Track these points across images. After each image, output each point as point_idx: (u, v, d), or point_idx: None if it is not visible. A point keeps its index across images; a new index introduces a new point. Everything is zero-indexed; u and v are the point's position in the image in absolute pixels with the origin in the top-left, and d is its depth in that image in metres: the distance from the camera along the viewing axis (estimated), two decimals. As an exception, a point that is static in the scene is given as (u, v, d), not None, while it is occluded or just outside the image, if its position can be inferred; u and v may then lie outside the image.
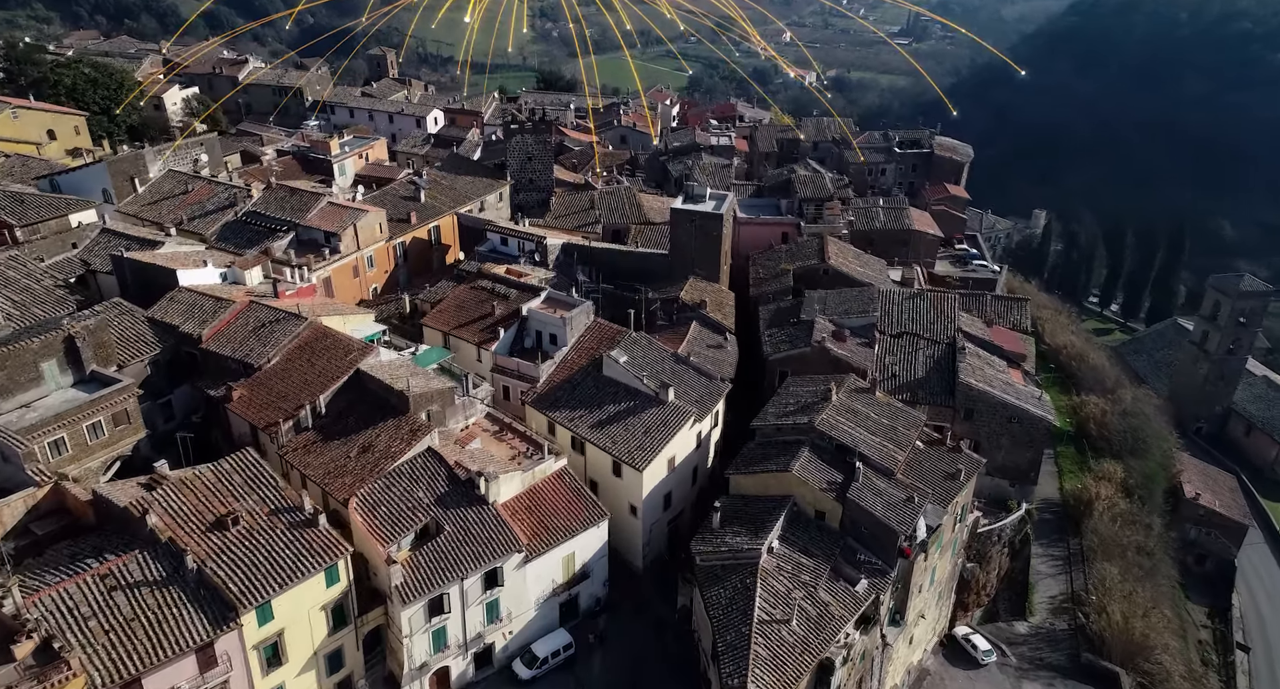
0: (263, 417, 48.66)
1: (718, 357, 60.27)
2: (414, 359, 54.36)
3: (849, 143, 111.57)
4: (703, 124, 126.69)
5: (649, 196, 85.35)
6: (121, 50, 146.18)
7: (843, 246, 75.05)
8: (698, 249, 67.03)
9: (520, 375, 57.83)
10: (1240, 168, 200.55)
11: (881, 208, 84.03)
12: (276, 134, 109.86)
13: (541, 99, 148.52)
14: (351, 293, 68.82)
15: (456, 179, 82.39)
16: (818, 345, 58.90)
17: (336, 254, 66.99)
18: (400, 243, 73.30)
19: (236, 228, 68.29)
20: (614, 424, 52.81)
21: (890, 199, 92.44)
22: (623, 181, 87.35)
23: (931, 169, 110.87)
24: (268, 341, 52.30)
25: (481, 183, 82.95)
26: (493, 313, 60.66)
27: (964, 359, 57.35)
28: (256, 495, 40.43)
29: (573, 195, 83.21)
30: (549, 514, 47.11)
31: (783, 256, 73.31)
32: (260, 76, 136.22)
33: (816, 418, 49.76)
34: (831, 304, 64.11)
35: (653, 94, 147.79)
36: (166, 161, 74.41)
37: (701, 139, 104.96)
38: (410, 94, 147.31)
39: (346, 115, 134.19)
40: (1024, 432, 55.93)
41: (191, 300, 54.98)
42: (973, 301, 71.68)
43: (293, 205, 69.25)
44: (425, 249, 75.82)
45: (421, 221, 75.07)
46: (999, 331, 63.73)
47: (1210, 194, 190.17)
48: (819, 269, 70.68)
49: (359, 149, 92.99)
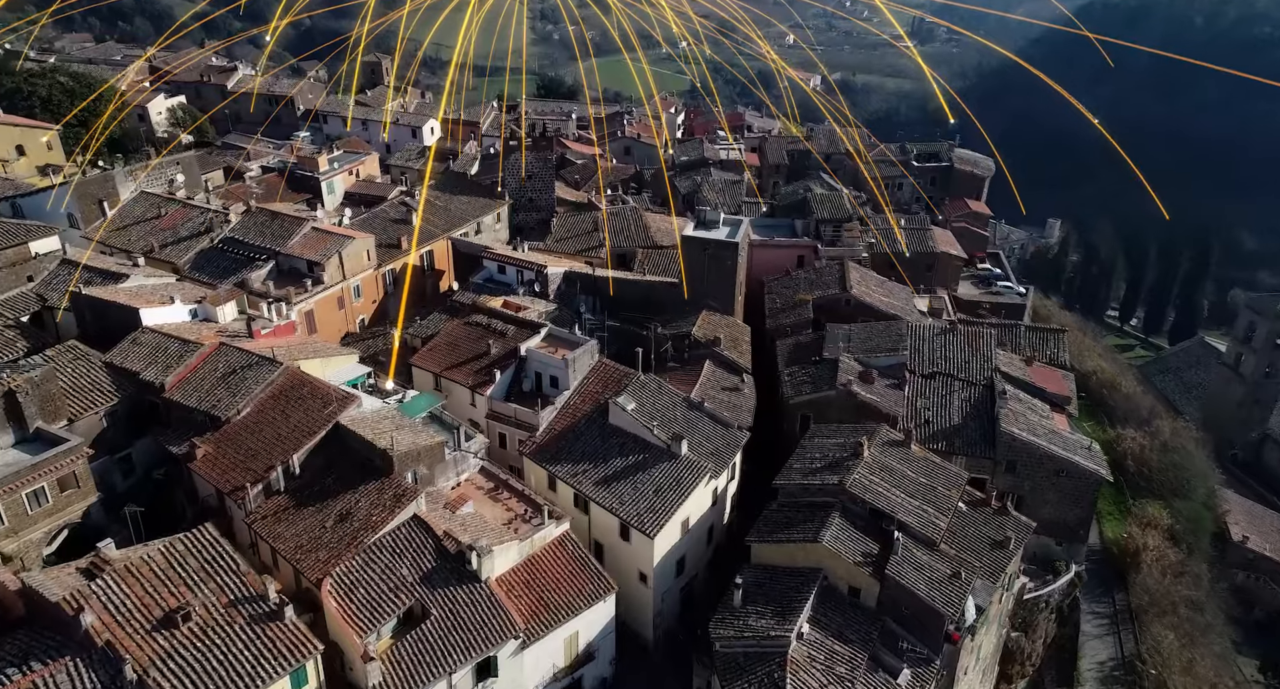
0: (229, 478, 43.52)
1: (734, 401, 55.12)
2: (401, 408, 49.23)
3: (862, 155, 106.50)
4: (710, 134, 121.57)
5: (656, 217, 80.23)
6: (107, 57, 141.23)
7: (865, 274, 69.90)
8: (711, 280, 61.93)
9: (518, 423, 52.72)
10: (1260, 176, 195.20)
11: (904, 229, 78.89)
12: (264, 147, 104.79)
13: (542, 107, 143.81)
14: (336, 326, 63.74)
15: (451, 199, 77.30)
16: (843, 388, 53.74)
17: (320, 285, 61.89)
18: (390, 270, 68.22)
19: (212, 256, 63.20)
20: (621, 481, 47.66)
21: (912, 218, 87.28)
22: (628, 201, 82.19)
23: (951, 183, 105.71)
24: (238, 390, 47.19)
25: (478, 203, 77.82)
26: (488, 352, 55.56)
27: (1004, 405, 52.18)
28: (214, 583, 35.29)
29: (575, 216, 78.09)
30: (549, 588, 41.99)
31: (800, 284, 68.17)
32: (250, 85, 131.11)
33: (848, 478, 44.62)
34: (856, 340, 58.97)
35: (660, 101, 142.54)
36: (140, 183, 69.34)
37: (710, 153, 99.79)
38: (406, 102, 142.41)
39: (340, 125, 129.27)
40: (1073, 486, 50.76)
41: (155, 343, 49.87)
42: (1005, 334, 66.59)
43: (273, 231, 64.16)
44: (417, 276, 70.71)
45: (416, 245, 70.03)
46: (1039, 371, 58.56)
47: (1229, 203, 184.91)
48: (840, 299, 65.55)
49: (349, 165, 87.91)
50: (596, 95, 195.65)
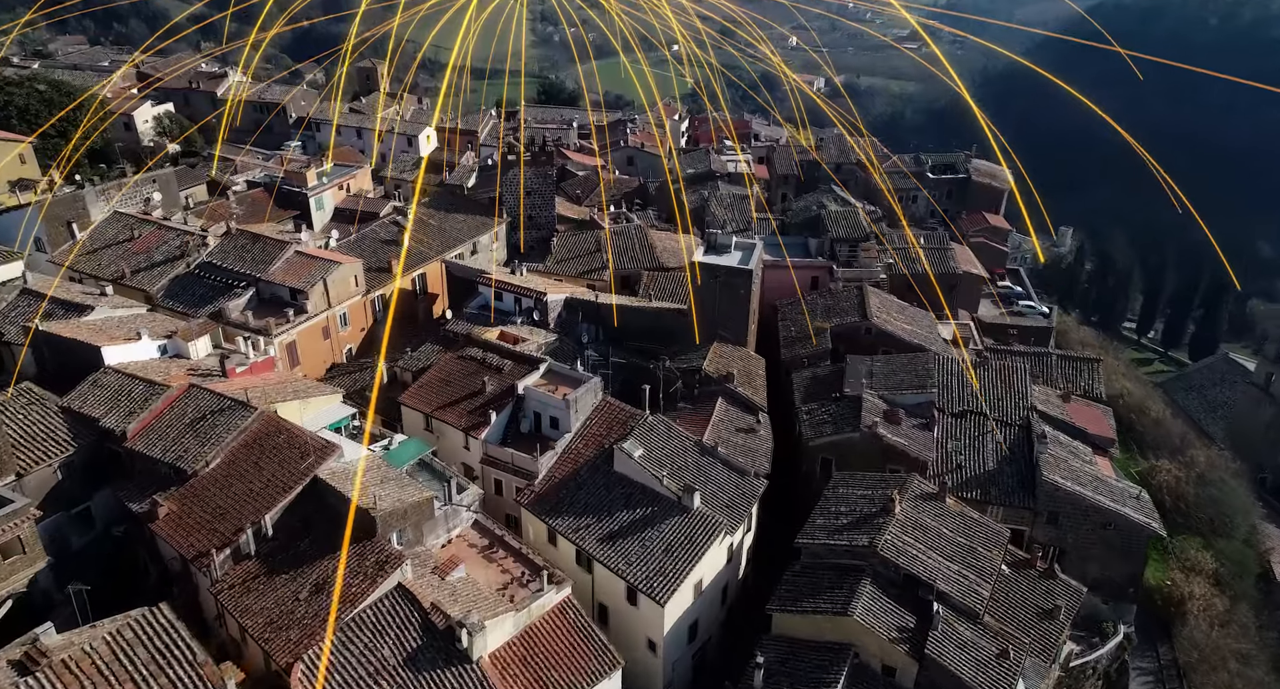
0: (194, 541, 39.26)
1: (750, 444, 50.86)
2: (386, 457, 45.02)
3: (875, 166, 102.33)
4: (716, 144, 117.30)
5: (661, 235, 75.98)
6: (93, 62, 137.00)
7: (885, 299, 65.64)
8: (722, 308, 57.69)
9: (515, 469, 48.48)
10: (1277, 182, 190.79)
11: (924, 248, 74.60)
12: (252, 159, 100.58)
13: (542, 115, 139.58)
14: (321, 357, 59.52)
15: (446, 218, 73.09)
16: (868, 431, 49.48)
17: (303, 315, 57.64)
18: (379, 295, 64.00)
19: (187, 282, 58.98)
20: (628, 538, 43.42)
21: (930, 234, 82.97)
22: (632, 219, 77.93)
23: (968, 196, 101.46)
24: (207, 439, 42.93)
25: (474, 221, 73.62)
26: (483, 390, 51.32)
27: (1045, 449, 47.88)
28: (166, 677, 31.05)
29: (576, 235, 73.82)
30: (549, 665, 37.70)
31: (817, 310, 63.90)
32: (242, 93, 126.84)
33: (879, 539, 40.37)
34: (880, 375, 54.72)
35: (663, 108, 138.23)
36: (115, 203, 65.12)
37: (717, 166, 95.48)
38: (402, 109, 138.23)
39: (330, 132, 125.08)
40: (1122, 540, 46.45)
41: (118, 384, 45.61)
42: (1036, 363, 62.41)
43: (254, 256, 59.93)
44: (409, 301, 66.50)
45: (405, 269, 65.84)
46: (1077, 409, 54.27)
47: (1245, 211, 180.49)
48: (860, 328, 61.32)
49: (339, 179, 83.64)
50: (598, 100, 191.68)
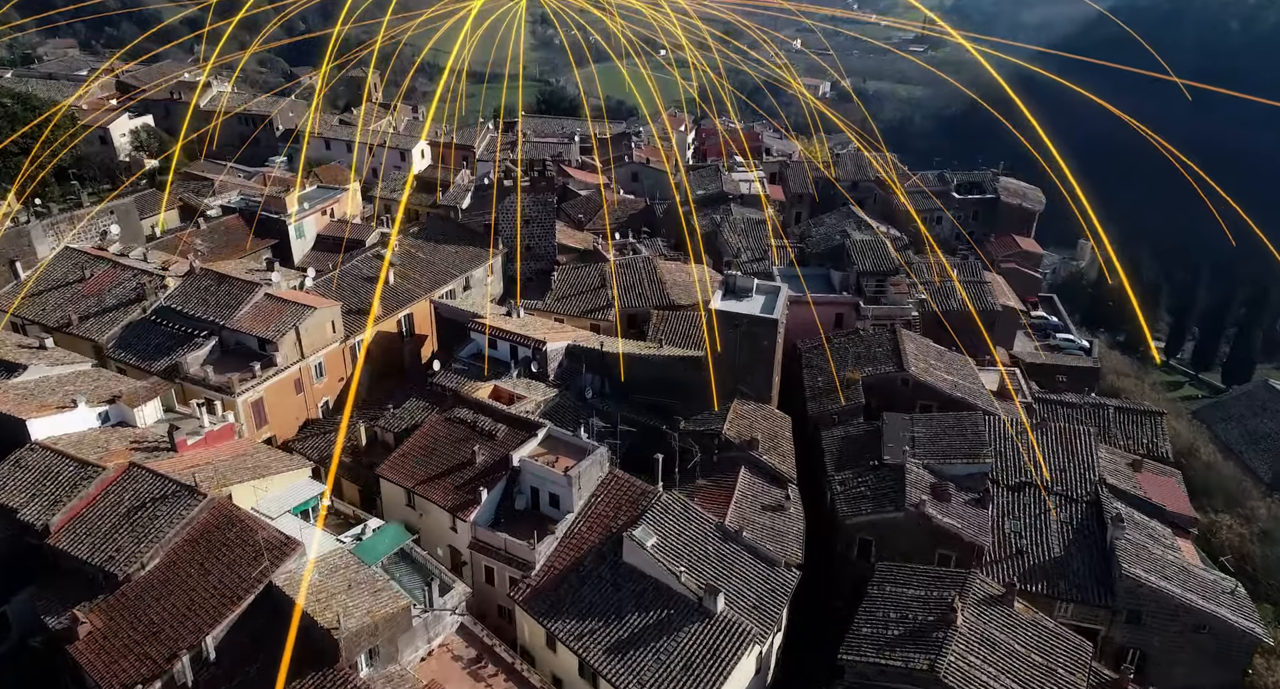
0: (119, 670, 32.74)
1: (779, 525, 44.40)
2: (357, 550, 38.62)
3: (897, 185, 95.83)
4: (725, 159, 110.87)
5: (671, 267, 69.57)
6: (70, 71, 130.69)
7: (921, 343, 59.20)
8: (743, 360, 51.25)
9: (509, 558, 42.05)
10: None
11: (959, 282, 68.13)
12: (233, 177, 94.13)
13: (541, 126, 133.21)
14: (292, 414, 53.09)
15: (436, 250, 66.63)
16: (914, 510, 43.05)
17: (272, 367, 51.21)
18: (361, 340, 57.60)
19: (142, 330, 52.55)
20: (640, 647, 37.02)
21: (962, 263, 76.45)
22: (639, 250, 71.36)
23: (996, 218, 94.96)
24: (144, 534, 36.51)
25: (467, 254, 67.17)
26: (472, 460, 44.85)
27: (1120, 534, 41.41)
28: None
29: (579, 269, 67.34)
30: None
31: (847, 357, 57.44)
32: (225, 103, 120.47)
33: (941, 661, 33.93)
34: (924, 439, 48.24)
35: (668, 118, 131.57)
36: (67, 239, 58.77)
37: (729, 186, 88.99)
38: (395, 120, 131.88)
39: (321, 147, 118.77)
40: (1217, 645, 39.95)
41: (45, 465, 39.23)
42: (1090, 416, 56.07)
43: (218, 299, 53.50)
44: (394, 344, 60.11)
45: (389, 312, 59.40)
46: (1150, 479, 47.81)
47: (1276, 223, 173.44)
48: (896, 379, 54.89)
49: (323, 204, 77.25)
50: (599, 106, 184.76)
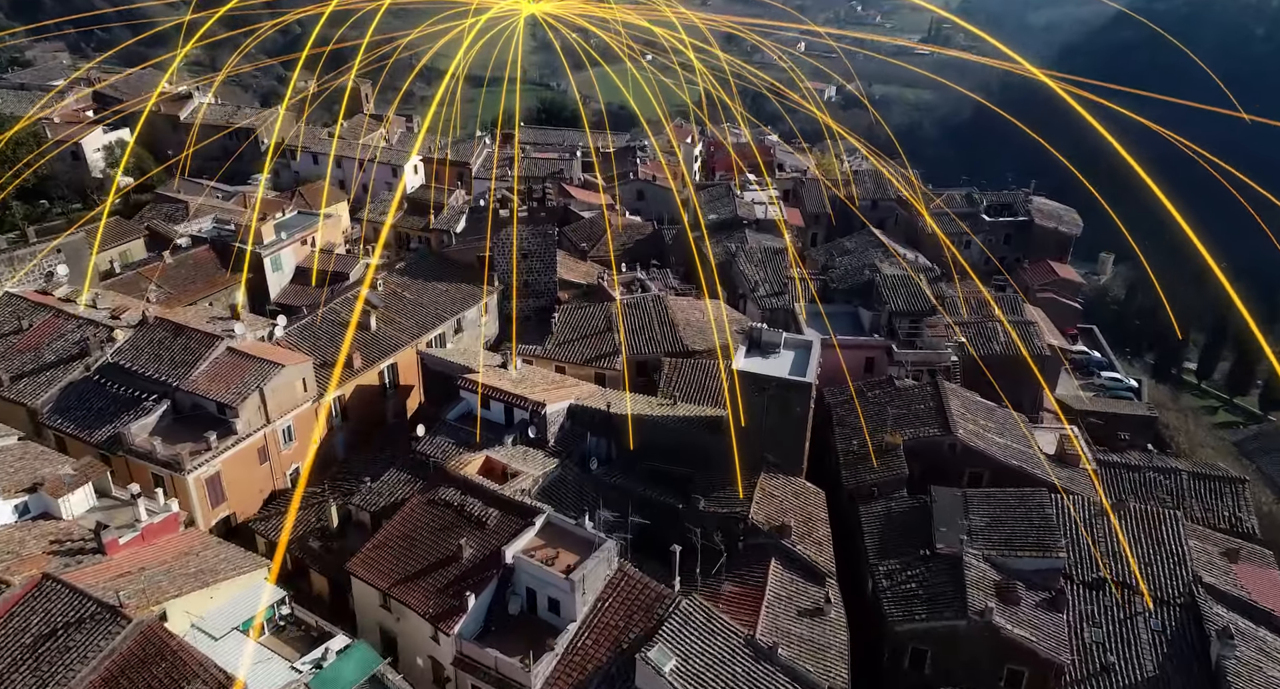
0: None
1: (818, 635, 38.01)
2: (315, 682, 32.29)
3: (921, 205, 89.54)
4: (736, 175, 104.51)
5: (682, 304, 63.31)
6: (44, 81, 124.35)
7: (966, 399, 52.81)
8: (771, 427, 44.84)
9: (500, 679, 35.71)
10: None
11: (1000, 322, 61.74)
12: (212, 199, 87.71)
13: (541, 137, 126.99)
14: (256, 486, 46.74)
15: (424, 288, 60.29)
16: (978, 619, 36.70)
17: (232, 436, 44.85)
18: (337, 397, 51.29)
19: (84, 393, 46.22)
20: (658, 804, 30.80)
21: (1000, 295, 70.11)
22: (648, 286, 64.98)
23: (1030, 242, 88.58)
24: (51, 671, 30.15)
25: (458, 292, 60.84)
26: (458, 555, 38.55)
27: (1229, 651, 35.08)
28: None
29: (582, 309, 61.00)
30: None
31: (886, 416, 51.00)
32: (206, 115, 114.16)
33: None
34: (981, 522, 41.88)
35: (673, 130, 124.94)
36: (10, 284, 52.46)
37: (744, 210, 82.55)
38: (389, 132, 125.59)
39: (309, 162, 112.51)
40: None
41: (-55, 579, 33.00)
42: (1160, 483, 49.73)
43: (173, 355, 47.17)
44: (374, 399, 53.79)
45: (369, 363, 53.04)
46: (1250, 573, 41.37)
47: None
48: (942, 444, 48.49)
49: (302, 233, 70.95)
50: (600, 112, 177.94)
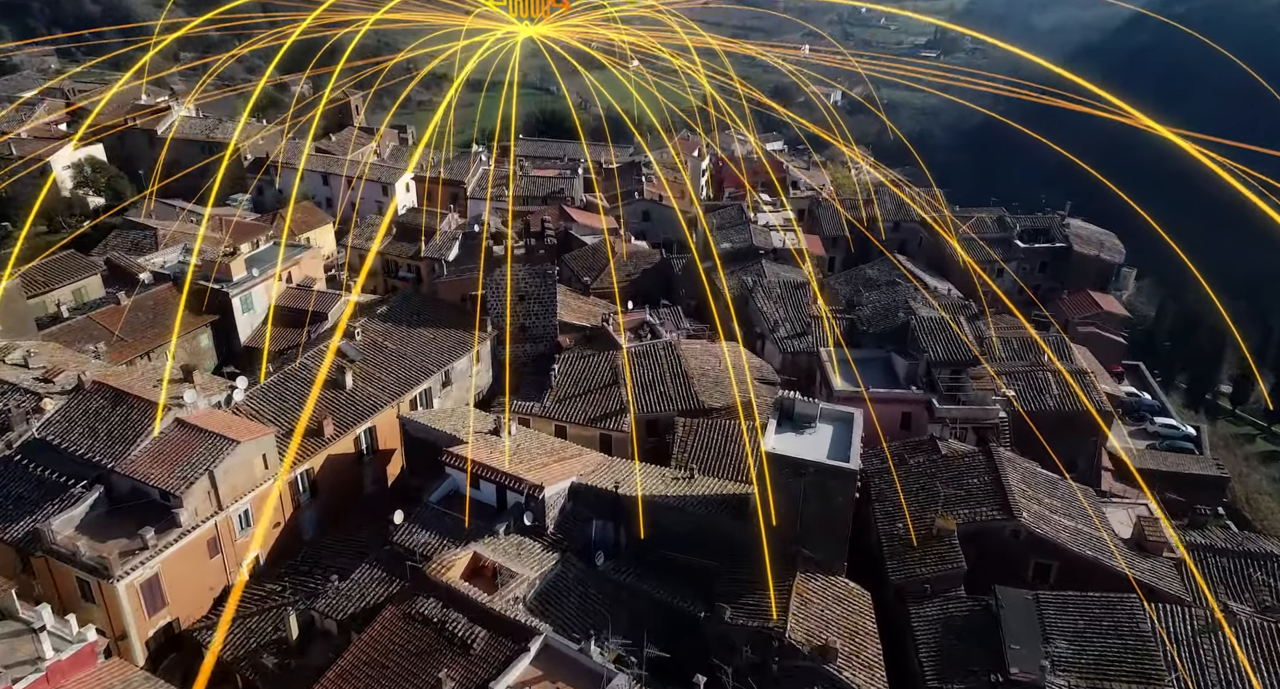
0: None
1: (873, 794, 31.52)
2: None
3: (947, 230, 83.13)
4: (749, 194, 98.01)
5: (695, 347, 56.84)
6: (11, 92, 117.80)
7: (1025, 470, 46.17)
8: (808, 515, 38.28)
9: None
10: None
11: (1052, 372, 55.10)
12: (187, 224, 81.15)
13: (540, 149, 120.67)
14: (204, 583, 40.08)
15: (408, 337, 53.69)
16: (1070, 776, 30.16)
17: (175, 529, 38.26)
18: (305, 470, 44.70)
19: (3, 477, 39.67)
20: None
21: (1045, 334, 63.46)
22: (658, 331, 58.34)
23: (1069, 270, 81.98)
24: None
25: (446, 340, 54.24)
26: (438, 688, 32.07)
27: None
28: None
29: (585, 358, 54.43)
30: None
31: (935, 491, 44.36)
32: (185, 129, 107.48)
33: None
34: (1063, 641, 35.30)
35: (679, 143, 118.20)
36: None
37: (760, 239, 75.83)
38: (381, 147, 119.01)
39: (293, 178, 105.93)
40: None
41: None
42: (1251, 576, 43.20)
43: (111, 428, 40.58)
44: (349, 469, 47.20)
45: (344, 428, 46.44)
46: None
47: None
48: (1004, 530, 41.90)
49: (275, 269, 64.40)
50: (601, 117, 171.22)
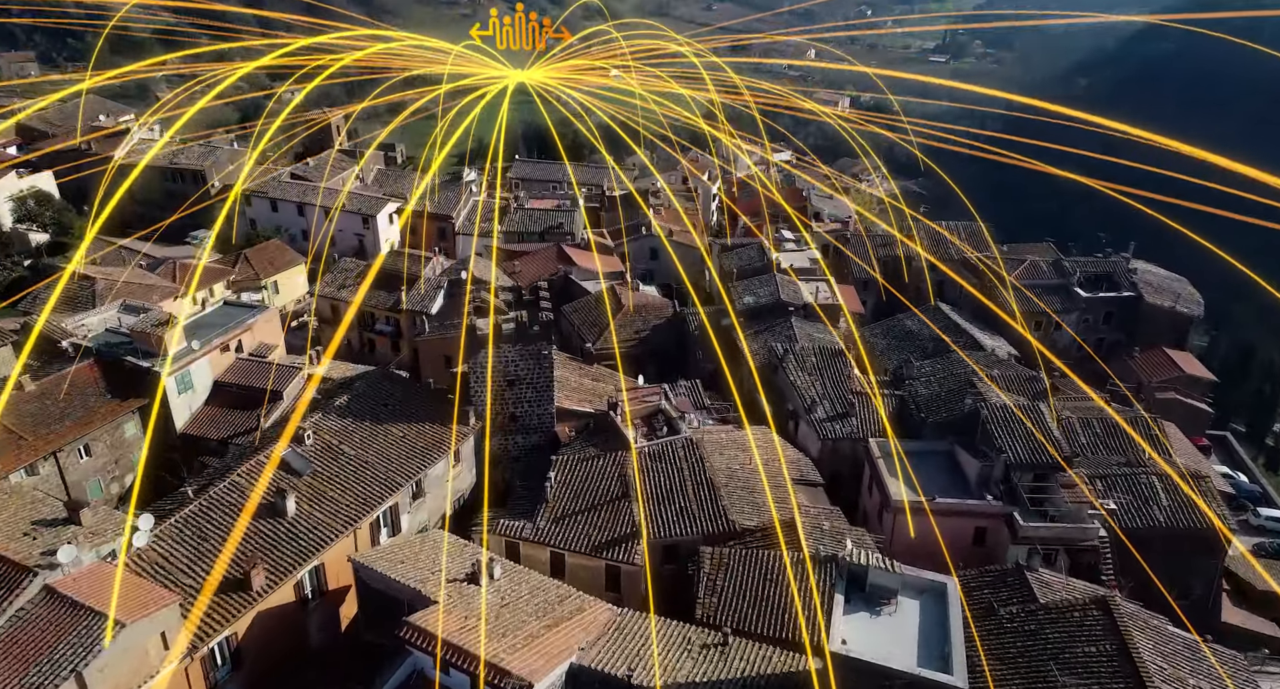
0: None
1: None
2: None
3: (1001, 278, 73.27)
4: (766, 227, 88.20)
5: (721, 438, 46.95)
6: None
7: (1155, 631, 36.16)
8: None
9: None
10: None
11: (1158, 475, 45.18)
12: (138, 275, 70.99)
13: (536, 173, 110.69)
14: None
15: (372, 436, 43.65)
16: None
17: (35, 752, 28.37)
18: (226, 638, 34.75)
19: None
20: None
21: (1127, 411, 53.61)
22: (677, 424, 48.11)
23: (1139, 324, 71.86)
24: None
25: (420, 437, 44.20)
26: None
27: None
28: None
29: (588, 461, 44.35)
30: None
31: (1042, 652, 34.47)
32: (145, 152, 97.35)
33: None
34: None
35: (689, 163, 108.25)
36: None
37: (789, 294, 65.67)
38: (364, 172, 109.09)
39: (267, 209, 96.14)
40: None
41: None
42: None
43: (-37, 601, 30.70)
44: (289, 621, 37.21)
45: (281, 574, 36.45)
46: None
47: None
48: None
49: (224, 336, 54.39)
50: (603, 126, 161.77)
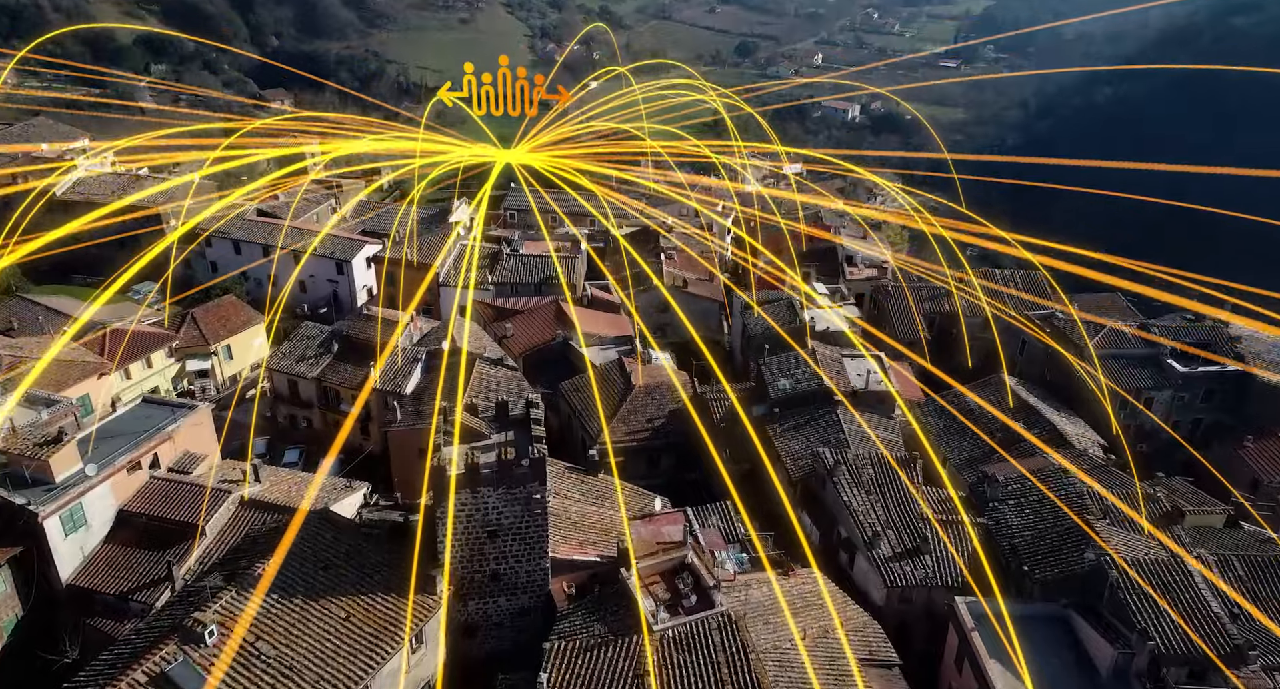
0: None
1: None
2: None
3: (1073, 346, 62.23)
4: (790, 272, 77.03)
5: (764, 606, 35.96)
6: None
7: None
8: None
9: None
10: None
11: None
12: (53, 340, 60.31)
13: (539, 203, 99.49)
14: None
15: (302, 622, 32.68)
16: None
17: None
18: None
19: None
20: None
21: (1227, 538, 42.65)
22: (710, 596, 36.98)
23: (1246, 403, 60.38)
24: None
25: (369, 618, 33.18)
26: None
27: None
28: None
29: (591, 653, 33.24)
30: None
31: None
32: (92, 189, 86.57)
33: None
34: None
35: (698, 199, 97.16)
36: None
37: (838, 376, 54.41)
38: (340, 202, 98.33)
39: (229, 250, 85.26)
40: None
41: None
42: None
43: None
44: None
45: None
46: None
47: None
48: None
49: (131, 454, 43.36)
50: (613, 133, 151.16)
